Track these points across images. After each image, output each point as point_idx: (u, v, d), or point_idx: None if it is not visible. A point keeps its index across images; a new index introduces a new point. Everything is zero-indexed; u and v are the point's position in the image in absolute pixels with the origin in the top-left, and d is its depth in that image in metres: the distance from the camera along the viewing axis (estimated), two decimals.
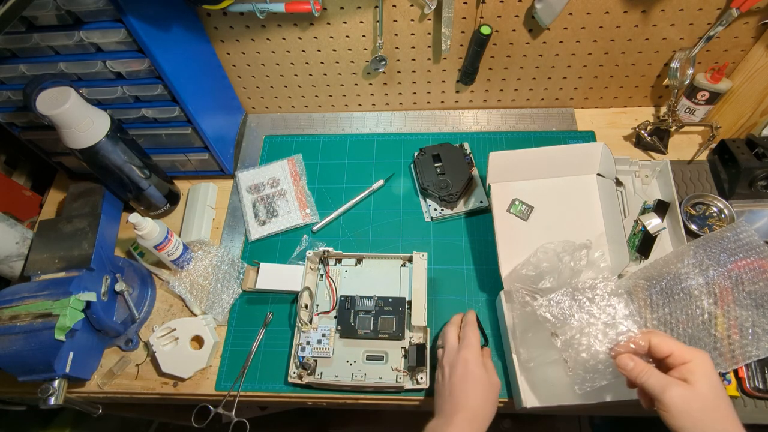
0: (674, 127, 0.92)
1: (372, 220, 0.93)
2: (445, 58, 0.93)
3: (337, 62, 0.94)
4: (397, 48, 0.91)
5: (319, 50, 0.92)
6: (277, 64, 0.95)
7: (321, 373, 0.76)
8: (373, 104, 1.05)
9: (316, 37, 0.89)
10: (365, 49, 0.91)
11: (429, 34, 0.88)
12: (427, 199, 0.93)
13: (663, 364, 0.53)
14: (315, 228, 0.92)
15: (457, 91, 1.01)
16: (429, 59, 0.93)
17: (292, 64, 0.95)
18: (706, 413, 0.47)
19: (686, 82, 0.89)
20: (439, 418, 0.63)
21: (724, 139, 0.88)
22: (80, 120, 0.73)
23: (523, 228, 0.79)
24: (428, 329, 0.77)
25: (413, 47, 0.91)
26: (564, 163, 0.82)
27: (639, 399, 0.55)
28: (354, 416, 1.50)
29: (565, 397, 0.70)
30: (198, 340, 0.81)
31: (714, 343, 0.62)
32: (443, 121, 1.05)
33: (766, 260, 0.65)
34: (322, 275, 0.85)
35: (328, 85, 1.00)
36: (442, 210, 0.91)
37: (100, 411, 0.78)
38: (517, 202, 0.81)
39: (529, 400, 0.69)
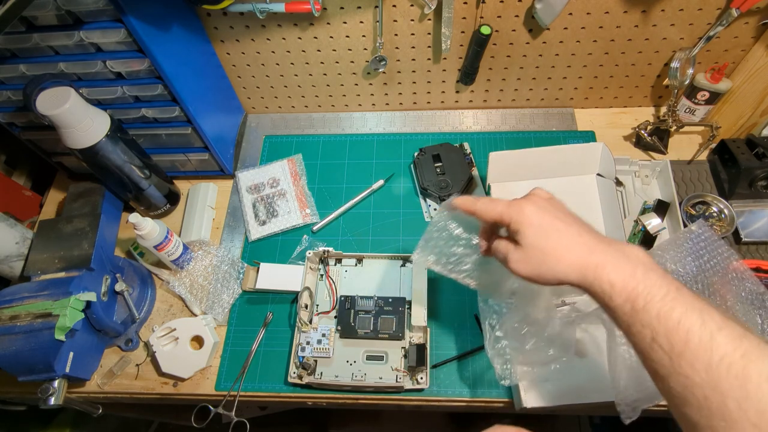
0: (674, 127, 0.92)
1: (372, 220, 0.93)
2: (445, 58, 0.93)
3: (337, 62, 0.94)
4: (397, 48, 0.91)
5: (319, 50, 0.92)
6: (277, 64, 0.95)
7: (321, 373, 0.76)
8: (373, 104, 1.05)
9: (316, 37, 0.89)
10: (365, 49, 0.91)
11: (429, 34, 0.88)
12: (427, 199, 0.93)
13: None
14: (315, 228, 0.92)
15: (457, 91, 1.01)
16: (429, 59, 0.93)
17: (292, 64, 0.95)
18: (544, 262, 0.49)
19: (686, 82, 0.89)
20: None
21: (724, 139, 0.88)
22: (80, 120, 0.73)
23: None
24: (428, 329, 0.77)
25: (413, 47, 0.91)
26: (564, 163, 0.82)
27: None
28: (354, 416, 1.50)
29: (565, 397, 0.70)
30: (198, 340, 0.81)
31: None
32: (443, 121, 1.05)
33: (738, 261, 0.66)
34: (322, 275, 0.85)
35: (328, 85, 1.00)
36: None
37: (100, 411, 0.78)
38: None
39: (529, 399, 0.69)
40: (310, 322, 0.80)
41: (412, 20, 0.85)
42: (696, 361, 0.38)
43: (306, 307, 0.79)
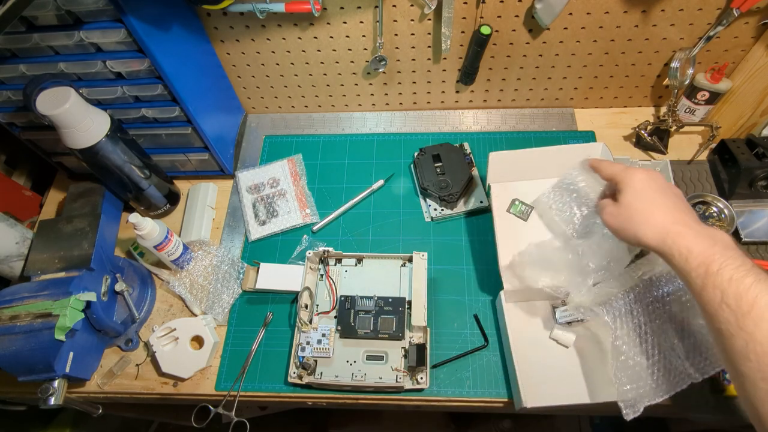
0: (674, 127, 0.92)
1: (372, 220, 0.93)
2: (445, 58, 0.93)
3: (337, 62, 0.94)
4: (397, 48, 0.91)
5: (319, 50, 0.92)
6: (277, 64, 0.95)
7: (321, 373, 0.76)
8: (373, 104, 1.05)
9: (316, 37, 0.89)
10: (365, 49, 0.91)
11: (429, 34, 0.88)
12: (427, 199, 0.93)
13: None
14: (315, 228, 0.92)
15: (457, 91, 1.01)
16: (429, 59, 0.93)
17: (292, 64, 0.95)
18: (631, 219, 0.56)
19: (686, 82, 0.89)
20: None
21: (724, 139, 0.88)
22: (80, 120, 0.73)
23: (523, 228, 0.79)
24: (428, 329, 0.77)
25: (413, 47, 0.91)
26: (563, 163, 0.82)
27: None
28: (354, 416, 1.50)
29: (565, 397, 0.70)
30: (198, 340, 0.81)
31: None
32: (443, 121, 1.05)
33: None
34: (322, 275, 0.85)
35: (328, 85, 1.00)
36: (442, 210, 0.91)
37: (100, 411, 0.78)
38: (517, 203, 0.81)
39: (529, 399, 0.69)
40: (310, 322, 0.80)
41: (412, 20, 0.85)
42: (761, 321, 0.43)
43: (306, 307, 0.79)
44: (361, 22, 0.86)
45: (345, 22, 0.86)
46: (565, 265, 0.71)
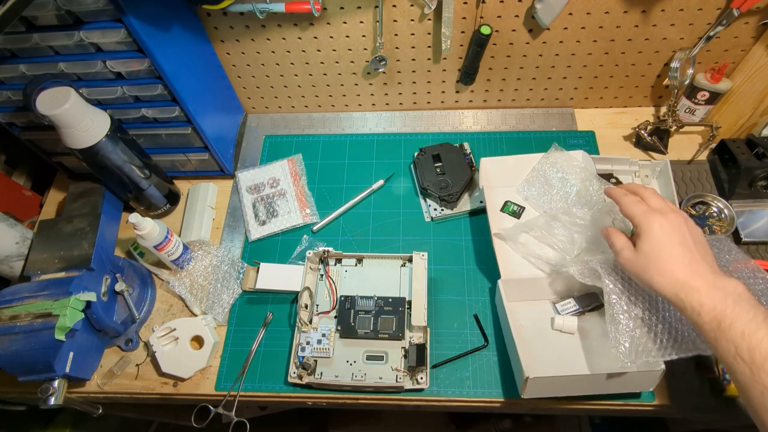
0: (674, 127, 0.92)
1: (372, 220, 0.93)
2: (445, 58, 0.93)
3: (337, 62, 0.94)
4: (397, 48, 0.91)
5: (319, 50, 0.92)
6: (277, 64, 0.95)
7: (321, 373, 0.76)
8: (373, 104, 1.05)
9: (316, 37, 0.89)
10: (365, 49, 0.91)
11: (429, 34, 0.88)
12: (427, 199, 0.93)
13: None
14: (315, 228, 0.92)
15: (457, 91, 1.01)
16: (429, 59, 0.93)
17: (292, 64, 0.95)
18: (647, 270, 0.57)
19: (686, 82, 0.89)
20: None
21: (724, 139, 0.88)
22: (80, 120, 0.73)
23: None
24: (428, 329, 0.77)
25: (413, 47, 0.91)
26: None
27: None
28: (354, 416, 1.50)
29: (565, 368, 0.70)
30: (198, 340, 0.81)
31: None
32: (443, 121, 1.05)
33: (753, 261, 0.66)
34: (322, 275, 0.85)
35: (328, 85, 1.00)
36: (442, 210, 0.91)
37: (100, 411, 0.78)
38: (509, 203, 0.85)
39: (531, 370, 0.65)
40: (310, 322, 0.80)
41: (412, 20, 0.85)
42: None
43: (306, 307, 0.79)
44: (361, 22, 0.86)
45: (345, 22, 0.86)
46: (563, 232, 0.76)
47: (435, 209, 0.92)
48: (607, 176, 0.87)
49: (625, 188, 0.66)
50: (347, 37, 0.88)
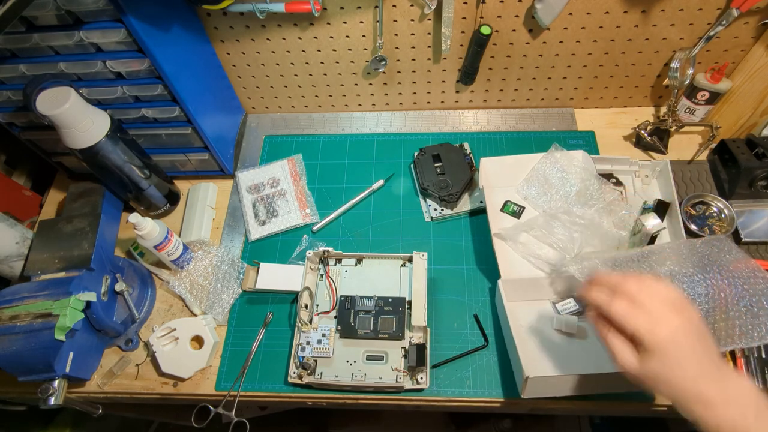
0: (674, 127, 0.93)
1: (372, 220, 0.93)
2: (445, 58, 0.93)
3: (337, 62, 0.94)
4: (397, 48, 0.91)
5: (319, 50, 0.92)
6: (277, 64, 0.95)
7: (321, 373, 0.76)
8: (373, 104, 1.05)
9: (316, 37, 0.89)
10: (365, 49, 0.91)
11: (429, 34, 0.88)
12: (427, 199, 0.93)
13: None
14: (315, 228, 0.92)
15: (457, 91, 1.01)
16: (429, 59, 0.93)
17: (292, 64, 0.95)
18: (656, 382, 0.50)
19: (686, 82, 0.89)
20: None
21: (724, 139, 0.89)
22: (80, 120, 0.73)
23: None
24: (428, 329, 0.77)
25: (413, 47, 0.91)
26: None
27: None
28: (354, 416, 1.50)
29: (567, 368, 0.70)
30: (198, 340, 0.81)
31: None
32: (443, 121, 1.05)
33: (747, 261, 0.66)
34: (322, 275, 0.85)
35: (328, 85, 1.00)
36: (442, 210, 0.91)
37: (100, 411, 0.78)
38: (508, 203, 0.85)
39: (531, 370, 0.66)
40: (310, 322, 0.80)
41: (412, 20, 0.85)
42: None
43: (306, 307, 0.79)
44: (361, 22, 0.86)
45: (345, 22, 0.86)
46: (563, 232, 0.76)
47: (435, 209, 0.92)
48: (607, 176, 0.87)
49: (603, 282, 0.54)
50: (347, 37, 0.88)
